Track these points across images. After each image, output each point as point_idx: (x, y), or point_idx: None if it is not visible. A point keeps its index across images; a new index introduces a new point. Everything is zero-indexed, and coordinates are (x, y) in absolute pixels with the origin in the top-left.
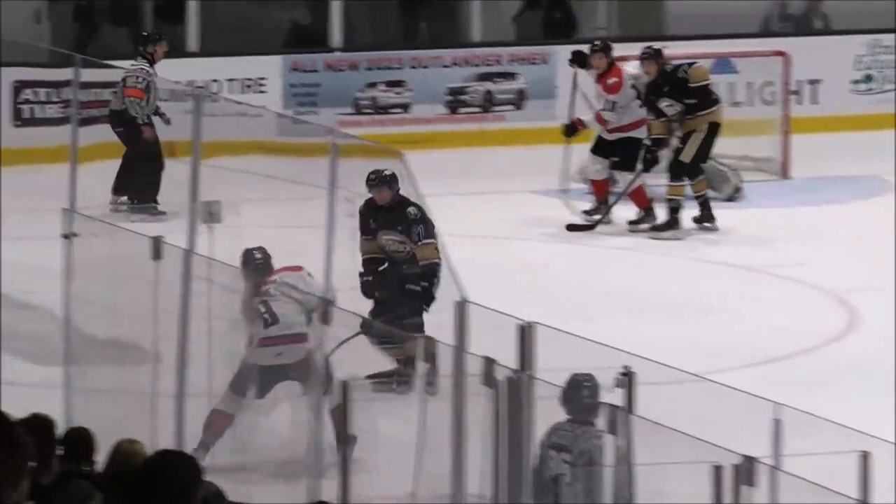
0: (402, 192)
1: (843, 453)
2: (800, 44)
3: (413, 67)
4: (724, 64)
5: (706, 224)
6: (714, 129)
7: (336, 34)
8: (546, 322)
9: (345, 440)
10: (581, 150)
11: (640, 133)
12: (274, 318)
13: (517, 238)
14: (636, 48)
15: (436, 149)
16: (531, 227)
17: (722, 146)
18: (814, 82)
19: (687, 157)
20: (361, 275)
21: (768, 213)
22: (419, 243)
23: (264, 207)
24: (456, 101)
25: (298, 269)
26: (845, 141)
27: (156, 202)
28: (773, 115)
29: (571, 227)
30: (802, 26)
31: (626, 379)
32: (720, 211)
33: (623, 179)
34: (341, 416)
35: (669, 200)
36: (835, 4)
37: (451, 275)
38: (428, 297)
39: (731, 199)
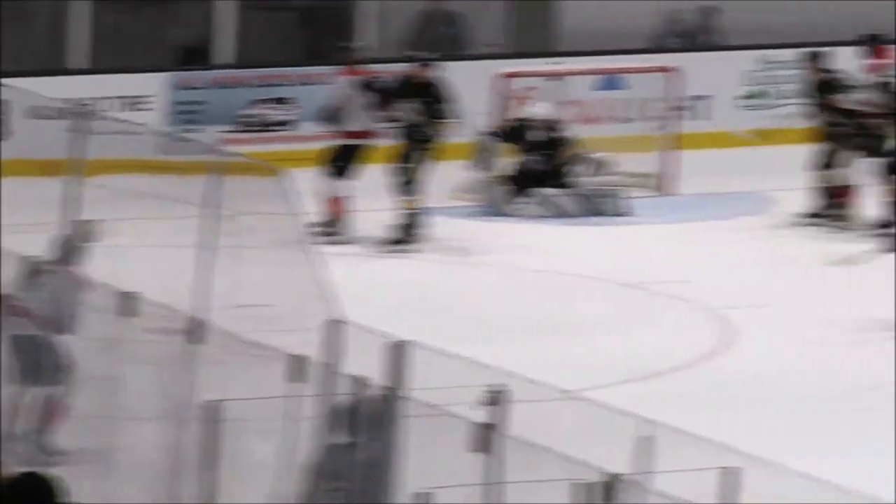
0: (279, 210)
1: (708, 469)
2: (691, 59)
3: (303, 84)
4: (615, 80)
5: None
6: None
7: (224, 51)
8: (421, 342)
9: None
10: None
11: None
12: None
13: (397, 257)
14: (529, 64)
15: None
16: (418, 246)
17: (610, 163)
18: (704, 98)
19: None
20: None
21: (650, 230)
22: None
23: (145, 226)
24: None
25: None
26: (734, 157)
27: None
28: (663, 131)
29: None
30: (694, 42)
31: (495, 397)
32: (606, 227)
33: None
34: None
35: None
36: (730, 19)
37: (325, 295)
38: None
39: (616, 215)
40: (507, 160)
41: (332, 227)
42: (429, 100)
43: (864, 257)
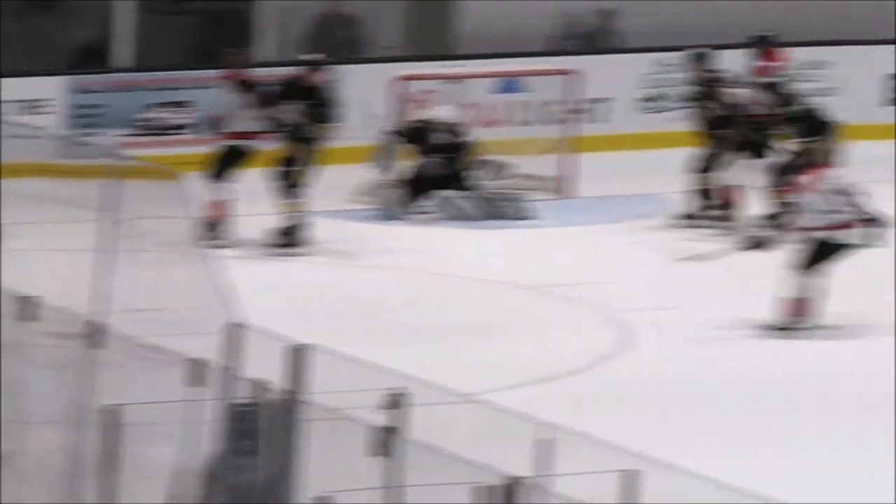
0: (177, 214)
1: (608, 472)
2: (590, 62)
3: (200, 88)
4: (512, 83)
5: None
6: None
7: (122, 53)
8: (322, 345)
9: None
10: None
11: None
12: None
13: (296, 260)
14: (428, 67)
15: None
16: (312, 250)
17: (510, 166)
18: (602, 101)
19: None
20: None
21: (550, 233)
22: None
23: (43, 231)
24: None
25: None
26: (633, 159)
27: None
28: (562, 134)
29: None
30: (592, 45)
31: (395, 400)
32: (506, 231)
33: None
34: None
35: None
36: (628, 22)
37: (223, 298)
38: None
39: (517, 218)
40: (407, 162)
41: (214, 231)
42: (313, 103)
43: (719, 255)
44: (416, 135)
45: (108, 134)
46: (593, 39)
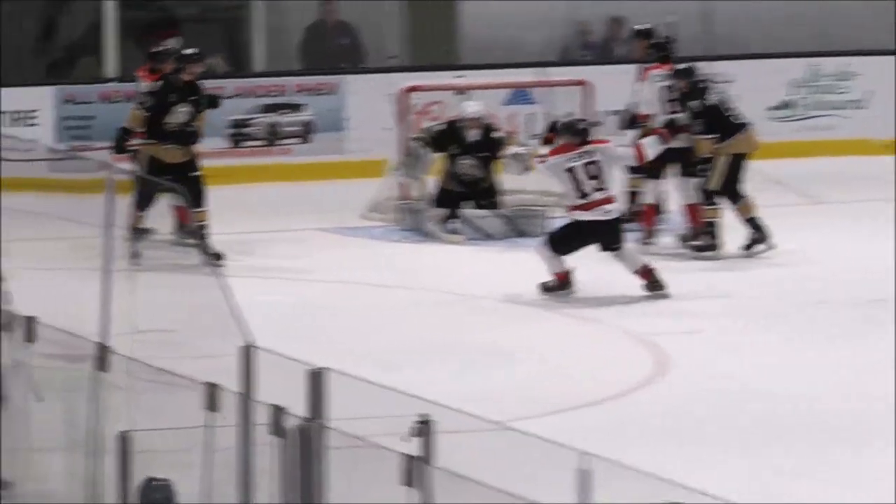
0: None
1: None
2: (601, 73)
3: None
4: (522, 94)
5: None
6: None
7: (111, 64)
8: (343, 369)
9: None
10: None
11: None
12: None
13: (308, 280)
14: (429, 77)
15: (218, 185)
16: (325, 269)
17: (527, 182)
18: (617, 112)
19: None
20: None
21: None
22: None
23: (35, 248)
24: (238, 135)
25: None
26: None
27: None
28: None
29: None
30: (604, 54)
31: (422, 428)
32: (530, 249)
33: None
34: None
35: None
36: None
37: (235, 318)
38: None
39: (540, 235)
40: (432, 176)
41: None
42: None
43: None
44: (446, 137)
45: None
46: (604, 49)
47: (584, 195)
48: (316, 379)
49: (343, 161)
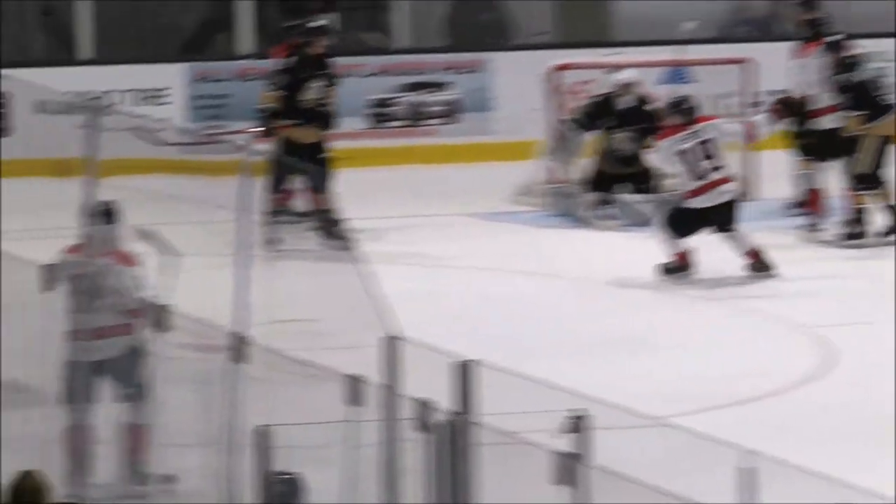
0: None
1: None
2: (763, 50)
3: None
4: (678, 73)
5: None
6: None
7: (246, 40)
8: (488, 360)
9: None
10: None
11: None
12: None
13: (455, 267)
14: (581, 55)
15: (358, 167)
16: (471, 256)
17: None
18: (779, 93)
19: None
20: None
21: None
22: None
23: (169, 233)
24: (380, 115)
25: (131, 262)
26: None
27: None
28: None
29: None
30: (767, 31)
31: (577, 423)
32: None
33: None
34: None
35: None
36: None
37: (378, 308)
38: None
39: None
40: (585, 158)
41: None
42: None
43: None
44: (601, 109)
45: (236, 127)
46: (767, 25)
47: (699, 177)
48: (464, 371)
49: (490, 143)
